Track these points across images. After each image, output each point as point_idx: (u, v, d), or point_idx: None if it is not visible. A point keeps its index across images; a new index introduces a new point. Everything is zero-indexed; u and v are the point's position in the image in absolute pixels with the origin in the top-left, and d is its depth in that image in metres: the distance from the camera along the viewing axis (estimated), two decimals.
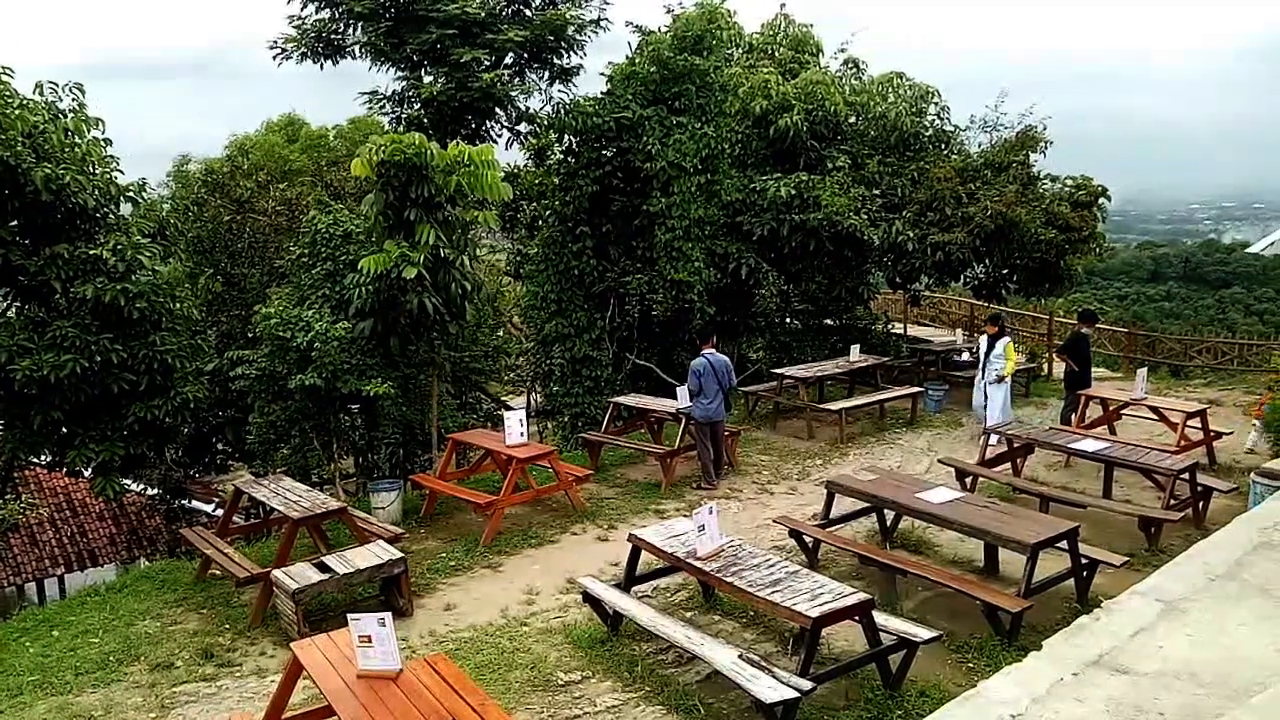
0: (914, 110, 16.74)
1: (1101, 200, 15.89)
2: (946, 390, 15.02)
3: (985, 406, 12.32)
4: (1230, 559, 3.64)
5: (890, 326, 19.84)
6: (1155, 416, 12.24)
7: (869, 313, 18.31)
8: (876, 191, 15.63)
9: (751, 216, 15.11)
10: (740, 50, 17.84)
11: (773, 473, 11.66)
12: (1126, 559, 7.55)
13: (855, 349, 14.75)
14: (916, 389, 14.45)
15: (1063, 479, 10.90)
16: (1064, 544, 7.01)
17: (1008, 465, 10.55)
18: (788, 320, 16.95)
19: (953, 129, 17.45)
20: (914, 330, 21.75)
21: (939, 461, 11.12)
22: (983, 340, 12.70)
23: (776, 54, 17.79)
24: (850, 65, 17.99)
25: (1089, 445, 9.79)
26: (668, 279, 14.56)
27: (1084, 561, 7.19)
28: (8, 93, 10.47)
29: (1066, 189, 15.94)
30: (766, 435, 13.56)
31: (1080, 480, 10.73)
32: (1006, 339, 12.41)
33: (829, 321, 17.15)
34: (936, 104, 17.09)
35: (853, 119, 16.79)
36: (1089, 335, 13.30)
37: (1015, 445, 10.54)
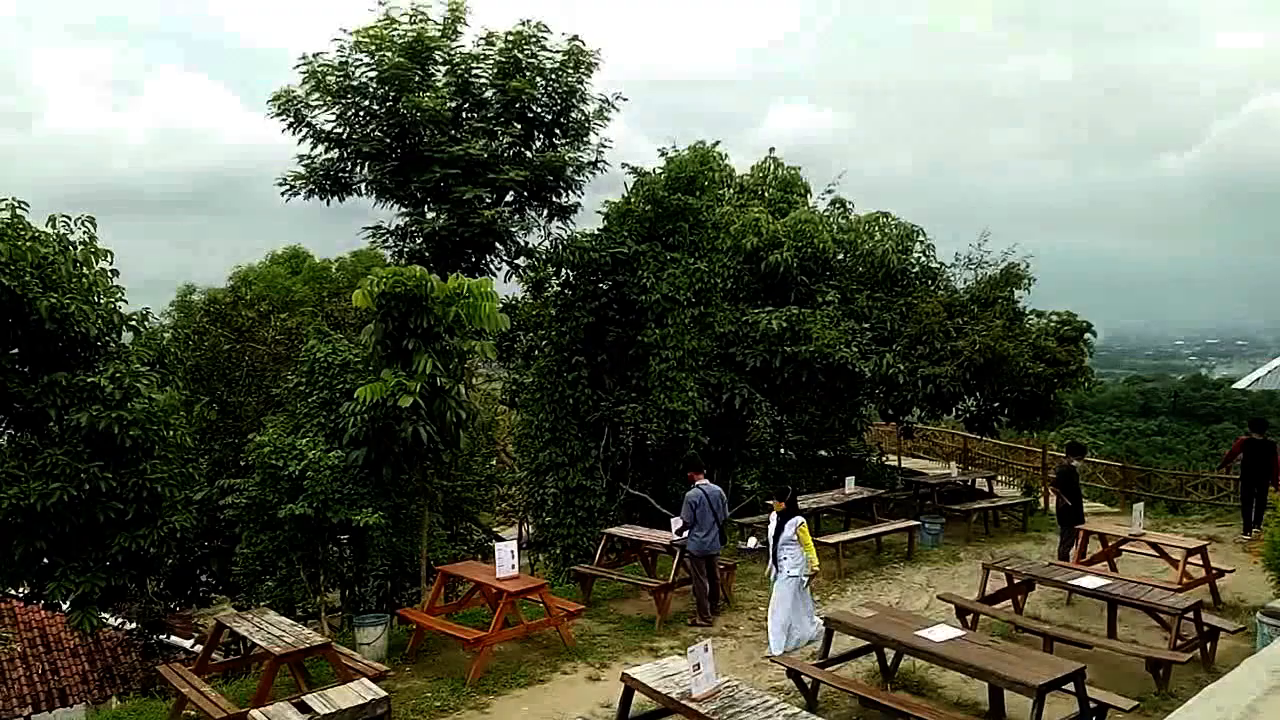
0: (900, 248, 17.34)
1: (1087, 335, 16.26)
2: (943, 524, 14.88)
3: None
4: (1243, 703, 3.53)
5: (884, 458, 19.85)
6: (1155, 552, 12.09)
7: (863, 444, 18.36)
8: (866, 325, 15.98)
9: (744, 348, 15.36)
10: (731, 190, 18.61)
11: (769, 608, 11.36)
12: (1136, 703, 7.29)
13: (850, 481, 14.70)
14: (913, 522, 14.31)
15: (1065, 616, 10.65)
16: (1071, 686, 6.80)
17: (1009, 602, 10.33)
18: (782, 451, 16.95)
19: (938, 265, 18.04)
20: (908, 462, 21.73)
21: (938, 598, 10.88)
22: (771, 520, 9.77)
23: (766, 194, 18.55)
24: (837, 205, 18.73)
25: (1090, 582, 9.62)
26: (662, 408, 14.64)
27: (1092, 705, 6.94)
28: (21, 225, 10.76)
29: (1052, 324, 16.34)
30: (760, 568, 13.29)
31: (1083, 618, 10.49)
32: (799, 520, 9.59)
33: (823, 453, 17.16)
34: (922, 241, 17.73)
35: (841, 255, 17.35)
36: (1078, 468, 13.31)
37: (1015, 581, 10.36)
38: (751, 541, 11.40)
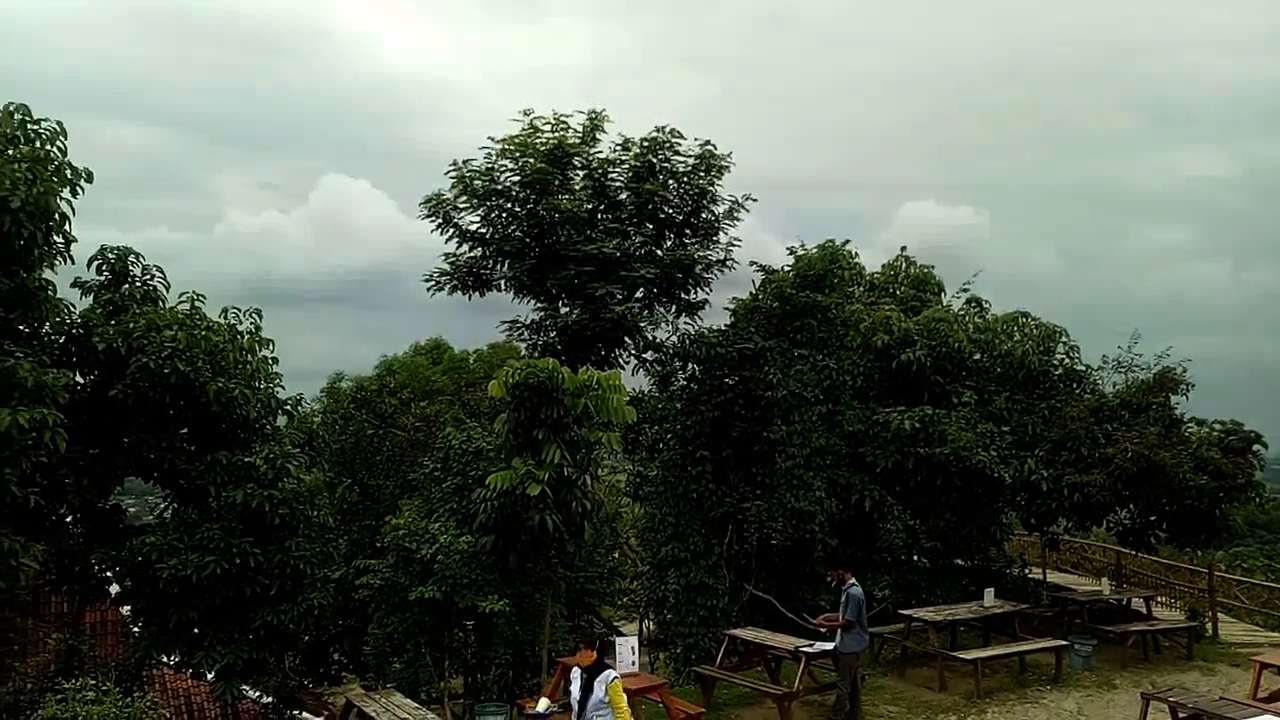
0: (1041, 348, 16.64)
1: (1256, 446, 15.00)
2: (1095, 646, 13.72)
3: None
4: None
5: (1027, 571, 18.62)
6: None
7: (1003, 555, 17.29)
8: (1006, 428, 15.29)
9: (874, 448, 14.95)
10: (861, 288, 18.45)
11: None
12: None
13: (989, 593, 13.83)
14: (1061, 642, 13.26)
15: None
16: None
17: None
18: (914, 558, 16.19)
19: (1084, 368, 17.17)
20: (1053, 577, 20.31)
21: None
22: (575, 677, 7.56)
23: (898, 292, 18.28)
24: (973, 303, 18.23)
25: None
26: (787, 507, 14.33)
27: None
28: (198, 316, 11.85)
29: (1215, 433, 15.19)
30: (894, 683, 12.60)
31: None
32: (612, 673, 7.37)
33: (959, 562, 16.27)
34: (1065, 342, 16.98)
35: (978, 355, 16.79)
36: None
37: (1181, 715, 9.40)
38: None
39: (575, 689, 7.36)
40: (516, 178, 15.04)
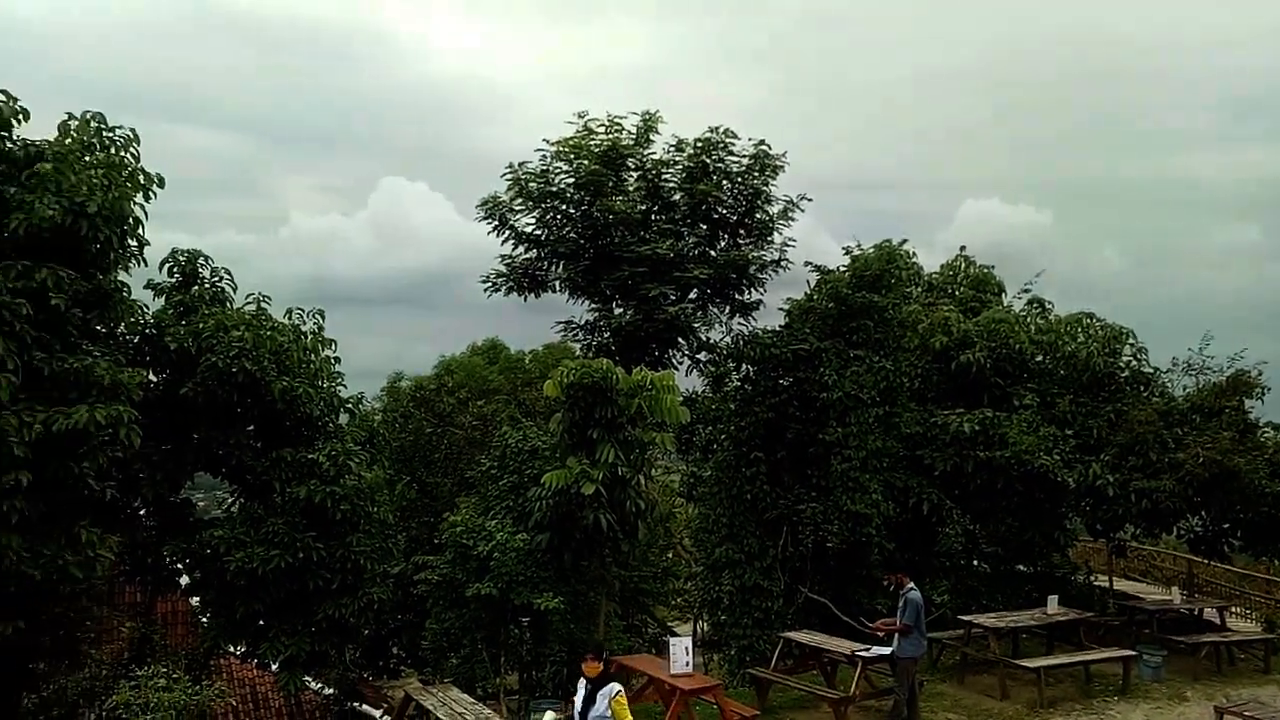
0: (1107, 350, 16.16)
1: None
2: (1165, 657, 13.28)
3: None
4: None
5: (1092, 578, 18.12)
6: None
7: (1067, 561, 16.85)
8: (1069, 432, 14.90)
9: (932, 451, 14.71)
10: (919, 288, 18.15)
11: None
12: None
13: (1053, 600, 13.50)
14: (1129, 651, 12.87)
15: None
16: None
17: None
18: (974, 562, 15.88)
19: (1152, 370, 16.64)
20: (1120, 584, 19.72)
21: None
22: (580, 687, 7.40)
23: (957, 293, 17.95)
24: (1035, 304, 17.81)
25: None
26: (843, 509, 14.18)
27: None
28: (263, 316, 12.19)
29: None
30: (953, 690, 12.37)
31: None
32: (616, 687, 7.25)
33: (1021, 567, 15.89)
34: (1132, 344, 16.47)
35: (1040, 357, 16.39)
36: None
37: None
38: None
39: (579, 700, 7.22)
40: (571, 179, 15.16)
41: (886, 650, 10.45)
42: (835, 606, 14.58)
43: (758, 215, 15.86)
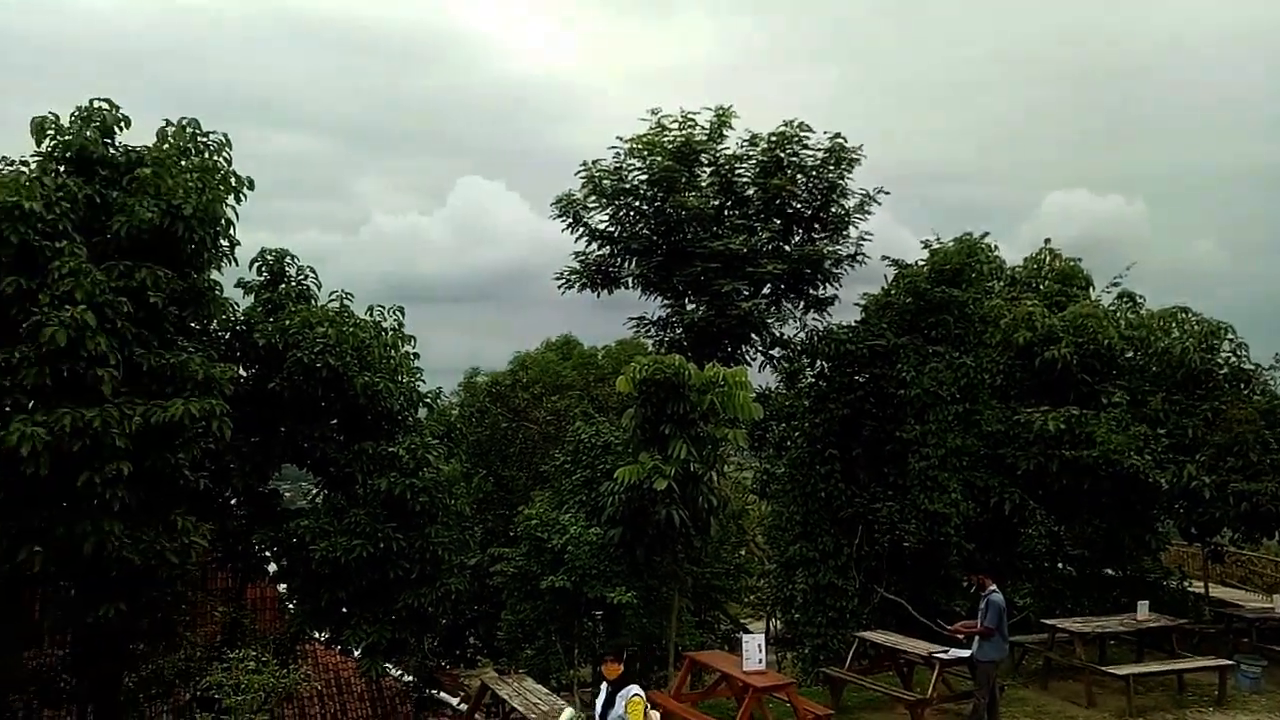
0: (1203, 346, 15.43)
1: None
2: (1265, 667, 12.63)
3: None
4: None
5: (1187, 584, 17.35)
6: None
7: (1159, 566, 16.16)
8: (1161, 431, 14.29)
9: (1015, 449, 14.28)
10: (1001, 283, 17.62)
11: None
12: None
13: (1143, 606, 12.96)
14: (1226, 661, 12.29)
15: None
16: None
17: None
18: (1059, 565, 15.37)
19: (1253, 367, 15.82)
20: (1216, 591, 18.82)
21: None
22: (601, 690, 7.14)
23: (1041, 287, 17.36)
24: (1125, 299, 17.11)
25: None
26: (921, 509, 13.89)
27: None
28: (346, 313, 12.57)
29: None
30: (1036, 696, 12.00)
31: None
32: (634, 690, 6.89)
33: (1109, 571, 15.31)
34: (1231, 340, 15.68)
35: (1130, 353, 15.77)
36: None
37: None
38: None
39: (599, 701, 7.10)
40: (644, 176, 15.19)
41: (965, 653, 10.22)
42: (912, 607, 14.31)
43: (833, 209, 15.63)
